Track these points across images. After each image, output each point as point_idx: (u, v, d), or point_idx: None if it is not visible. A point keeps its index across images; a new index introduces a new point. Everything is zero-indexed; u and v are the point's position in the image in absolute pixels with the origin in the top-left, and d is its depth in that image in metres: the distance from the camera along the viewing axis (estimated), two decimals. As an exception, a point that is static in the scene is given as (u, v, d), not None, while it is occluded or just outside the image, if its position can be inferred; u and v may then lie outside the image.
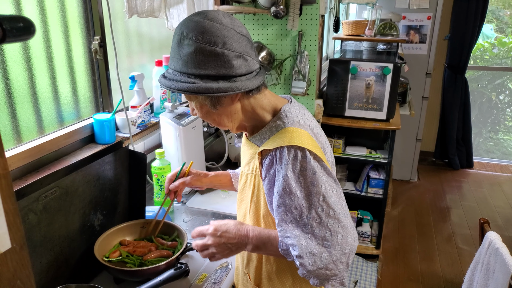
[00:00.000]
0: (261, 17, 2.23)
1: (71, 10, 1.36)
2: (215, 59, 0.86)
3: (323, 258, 0.88)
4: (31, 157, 1.18)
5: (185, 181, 1.23)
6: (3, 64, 1.13)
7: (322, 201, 0.88)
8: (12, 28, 0.48)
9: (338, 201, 0.91)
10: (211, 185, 1.29)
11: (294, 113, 0.97)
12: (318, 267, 0.88)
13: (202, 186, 1.28)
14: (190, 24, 0.87)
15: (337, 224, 0.89)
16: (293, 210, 0.90)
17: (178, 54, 0.89)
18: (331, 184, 0.91)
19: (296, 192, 0.89)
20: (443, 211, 3.60)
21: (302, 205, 0.89)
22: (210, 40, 0.85)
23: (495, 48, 4.53)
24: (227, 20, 0.88)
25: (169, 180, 1.24)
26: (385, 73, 2.48)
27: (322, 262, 0.88)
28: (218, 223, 1.02)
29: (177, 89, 0.89)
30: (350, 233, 0.90)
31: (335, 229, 0.88)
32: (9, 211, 0.54)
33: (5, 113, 1.16)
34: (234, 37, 0.87)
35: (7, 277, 0.55)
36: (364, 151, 2.73)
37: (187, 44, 0.86)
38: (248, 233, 0.98)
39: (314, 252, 0.88)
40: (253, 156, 1.00)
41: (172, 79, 0.90)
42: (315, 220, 0.89)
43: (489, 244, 1.60)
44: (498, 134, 4.72)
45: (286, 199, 0.90)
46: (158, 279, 1.10)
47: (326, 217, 0.88)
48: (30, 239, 1.06)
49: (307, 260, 0.88)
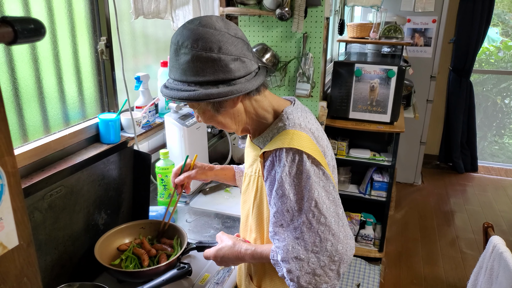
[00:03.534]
0: (266, 19, 2.24)
1: (78, 11, 1.37)
2: (212, 65, 0.86)
3: (310, 263, 0.87)
4: (36, 156, 1.19)
5: (190, 175, 1.24)
6: (11, 64, 1.15)
7: (314, 206, 0.88)
8: (23, 30, 0.49)
9: (332, 208, 0.90)
10: (216, 178, 1.29)
11: (296, 115, 0.98)
12: (306, 272, 0.87)
13: (207, 179, 1.29)
14: (185, 32, 0.88)
15: (328, 231, 0.88)
16: (285, 213, 0.90)
17: (176, 63, 0.89)
18: (328, 189, 0.91)
19: (289, 195, 0.89)
20: (447, 214, 3.58)
21: (293, 208, 0.89)
22: (206, 47, 0.86)
23: (501, 51, 4.51)
24: (220, 25, 0.89)
25: (174, 174, 1.25)
26: (390, 76, 2.48)
27: (310, 267, 0.87)
28: (215, 250, 1.07)
29: (179, 98, 0.89)
30: (342, 242, 0.88)
31: (325, 236, 0.88)
32: (17, 209, 0.54)
33: (12, 112, 1.18)
34: (229, 40, 0.88)
35: (14, 273, 0.56)
36: (368, 154, 2.72)
37: (183, 53, 0.87)
38: (243, 256, 1.03)
39: (301, 258, 0.87)
40: (256, 158, 1.01)
41: (173, 89, 0.91)
42: (305, 225, 0.88)
43: (493, 248, 1.59)
44: (503, 138, 4.69)
45: (279, 201, 0.90)
46: (161, 278, 1.11)
47: (316, 223, 0.88)
48: (35, 238, 1.06)
49: (293, 265, 0.88)
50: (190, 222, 1.55)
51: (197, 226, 1.52)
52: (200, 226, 1.52)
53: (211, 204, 1.68)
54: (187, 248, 1.23)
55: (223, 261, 1.06)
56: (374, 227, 2.91)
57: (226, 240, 1.07)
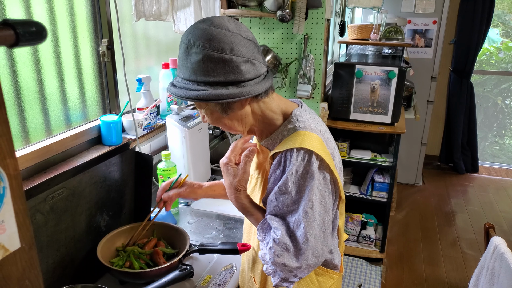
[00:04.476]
0: (267, 21, 2.24)
1: (80, 13, 1.37)
2: (223, 66, 0.86)
3: (291, 257, 0.90)
4: (38, 157, 1.19)
5: (180, 192, 1.21)
6: (13, 66, 1.15)
7: (310, 208, 0.89)
8: (25, 33, 0.49)
9: (323, 213, 0.92)
10: (206, 196, 1.26)
11: (305, 117, 0.98)
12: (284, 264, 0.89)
13: (196, 197, 1.26)
14: (197, 32, 0.87)
15: (311, 231, 0.90)
16: (284, 208, 0.92)
17: (186, 62, 0.89)
18: (323, 194, 0.92)
19: (291, 192, 0.91)
20: (448, 215, 3.58)
21: (292, 205, 0.91)
22: (218, 47, 0.85)
23: (501, 52, 4.51)
24: (232, 26, 0.89)
25: (162, 189, 1.21)
26: (390, 77, 2.48)
27: (288, 261, 0.89)
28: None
29: (188, 97, 0.89)
30: (317, 247, 0.90)
31: (308, 236, 0.90)
32: (19, 211, 0.54)
33: (14, 114, 1.18)
34: (241, 42, 0.88)
35: (16, 276, 0.56)
36: (369, 155, 2.72)
37: (194, 52, 0.87)
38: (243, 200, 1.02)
39: (288, 248, 0.90)
40: (264, 160, 1.01)
41: (181, 88, 0.90)
42: (296, 223, 0.91)
43: (494, 249, 1.59)
44: (503, 139, 4.69)
45: (281, 196, 0.92)
46: (163, 280, 1.11)
47: (306, 223, 0.90)
48: (37, 240, 1.07)
49: (278, 248, 0.89)
50: (192, 223, 1.55)
51: (199, 227, 1.52)
52: (202, 227, 1.52)
53: (213, 205, 1.68)
54: (189, 250, 1.23)
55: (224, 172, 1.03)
56: (375, 228, 2.91)
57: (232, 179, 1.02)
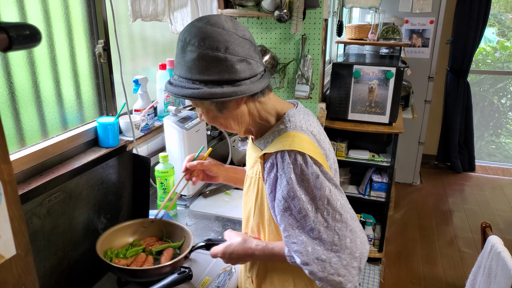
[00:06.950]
0: (264, 21, 2.23)
1: (75, 13, 1.36)
2: (218, 64, 0.86)
3: (332, 263, 0.87)
4: (34, 160, 1.18)
5: (203, 163, 1.20)
6: (7, 68, 1.14)
7: (327, 204, 0.88)
8: (18, 36, 0.48)
9: (345, 204, 0.91)
10: (227, 176, 1.24)
11: (298, 118, 0.97)
12: (329, 273, 0.86)
13: (218, 174, 1.23)
14: (193, 30, 0.88)
15: (345, 227, 0.88)
16: (298, 215, 0.89)
17: (182, 60, 0.89)
18: (332, 188, 0.91)
19: (300, 196, 0.88)
20: (445, 214, 3.59)
21: (307, 209, 0.88)
22: (213, 46, 0.85)
23: (497, 52, 4.53)
24: (229, 25, 0.89)
25: (188, 160, 1.21)
26: (388, 77, 2.48)
27: (333, 268, 0.87)
28: (224, 247, 1.04)
29: (182, 95, 0.89)
30: (359, 236, 0.89)
31: (343, 232, 0.87)
32: (14, 217, 0.54)
33: (9, 116, 1.16)
34: (236, 41, 0.87)
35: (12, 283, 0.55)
36: (367, 155, 2.72)
37: (190, 51, 0.87)
38: (254, 252, 1.00)
39: (323, 258, 0.87)
40: (257, 160, 1.00)
41: (177, 86, 0.91)
42: (322, 225, 0.88)
43: (491, 248, 1.59)
44: (500, 138, 4.71)
45: (291, 203, 0.89)
46: (162, 283, 1.10)
47: (332, 221, 0.88)
48: (34, 244, 1.05)
49: (315, 267, 0.87)
50: (191, 225, 1.54)
51: (198, 229, 1.51)
52: (200, 229, 1.51)
53: (211, 207, 1.67)
54: (195, 246, 1.20)
55: (231, 258, 1.03)
56: (373, 228, 2.91)
57: (235, 237, 1.05)
